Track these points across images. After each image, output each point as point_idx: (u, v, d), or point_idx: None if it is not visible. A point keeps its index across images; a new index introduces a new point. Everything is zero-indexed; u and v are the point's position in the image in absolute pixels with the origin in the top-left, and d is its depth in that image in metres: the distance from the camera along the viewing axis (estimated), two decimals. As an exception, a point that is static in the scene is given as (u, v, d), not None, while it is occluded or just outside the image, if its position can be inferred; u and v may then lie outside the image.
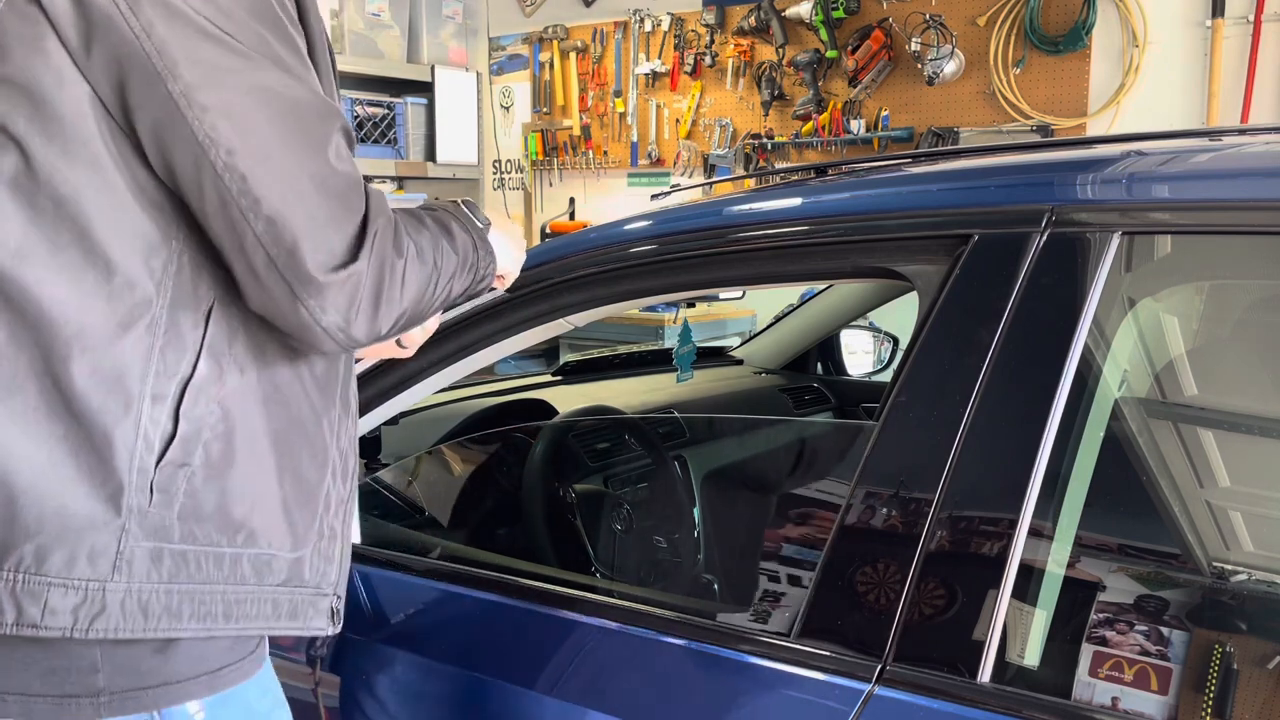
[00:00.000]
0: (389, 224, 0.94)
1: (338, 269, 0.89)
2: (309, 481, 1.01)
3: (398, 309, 0.95)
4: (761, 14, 4.35)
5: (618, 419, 2.03)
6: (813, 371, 2.73)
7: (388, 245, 0.93)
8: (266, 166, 0.87)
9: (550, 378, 2.49)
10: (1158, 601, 1.01)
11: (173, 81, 0.85)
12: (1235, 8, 3.44)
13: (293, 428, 1.00)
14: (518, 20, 5.18)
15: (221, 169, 0.86)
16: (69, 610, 0.88)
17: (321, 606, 1.04)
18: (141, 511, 0.90)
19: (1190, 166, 1.14)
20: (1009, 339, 1.04)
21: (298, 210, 0.88)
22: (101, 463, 0.89)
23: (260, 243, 0.87)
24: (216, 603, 0.95)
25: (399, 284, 0.94)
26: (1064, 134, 3.73)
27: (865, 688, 1.01)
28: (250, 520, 0.96)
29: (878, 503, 1.07)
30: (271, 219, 0.87)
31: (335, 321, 0.91)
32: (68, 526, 0.88)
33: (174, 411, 0.91)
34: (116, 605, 0.90)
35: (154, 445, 0.91)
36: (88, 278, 0.89)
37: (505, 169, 5.34)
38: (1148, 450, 1.11)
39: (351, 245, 0.90)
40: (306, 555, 1.01)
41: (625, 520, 1.80)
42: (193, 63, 0.85)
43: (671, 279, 1.37)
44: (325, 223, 0.89)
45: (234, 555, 0.96)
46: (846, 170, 1.47)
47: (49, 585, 0.88)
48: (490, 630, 1.31)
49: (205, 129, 0.86)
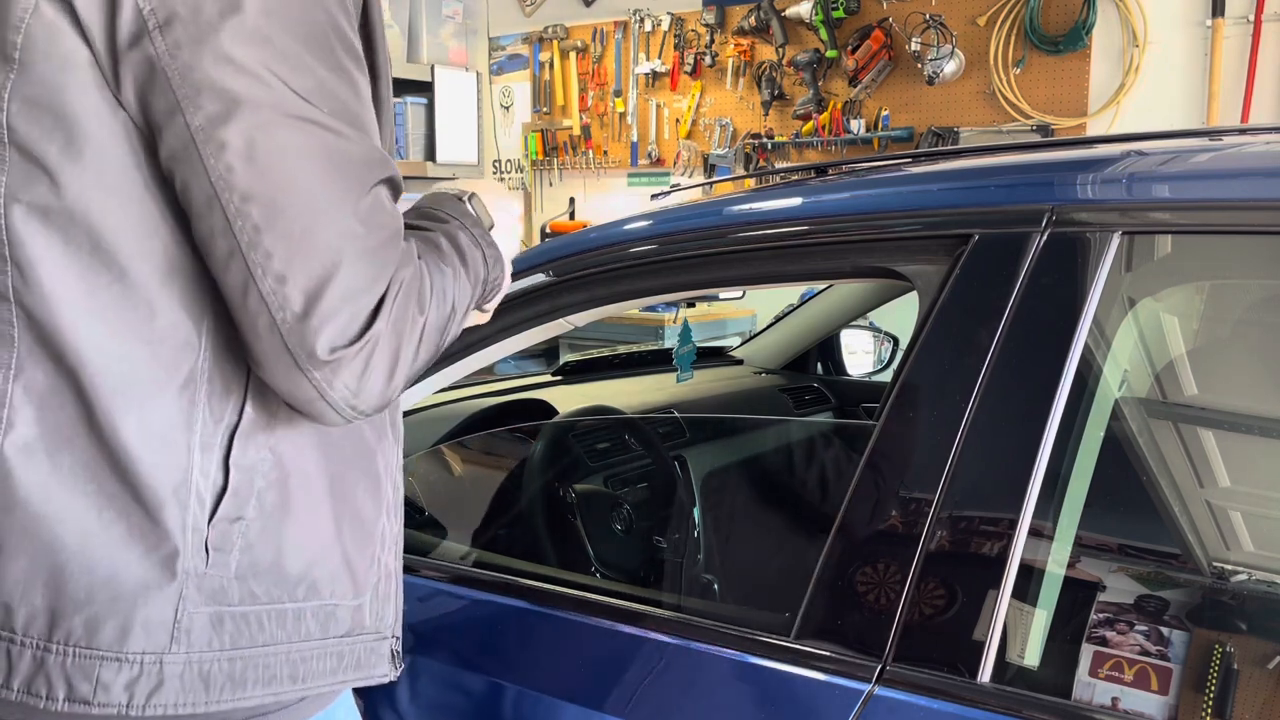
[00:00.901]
0: (414, 278, 0.84)
1: (351, 343, 0.79)
2: (367, 522, 0.95)
3: (410, 369, 0.85)
4: (761, 14, 4.35)
5: (618, 419, 2.03)
6: (813, 371, 2.73)
7: (410, 304, 0.83)
8: (287, 219, 0.77)
9: (550, 378, 2.49)
10: (1158, 601, 1.01)
11: (192, 112, 0.76)
12: (1235, 8, 3.44)
13: (349, 467, 0.93)
14: (518, 20, 5.18)
15: (233, 215, 0.77)
16: (123, 686, 0.81)
17: (382, 651, 0.98)
18: (199, 574, 0.83)
19: (1190, 166, 1.14)
20: (1009, 339, 1.04)
21: (315, 270, 0.78)
22: (154, 524, 0.82)
23: (266, 303, 0.78)
24: (281, 664, 0.88)
25: (416, 343, 0.84)
26: (1064, 134, 3.73)
27: (865, 688, 1.01)
28: (311, 571, 0.89)
29: (877, 503, 1.07)
30: (282, 277, 0.77)
31: (343, 396, 0.81)
32: (120, 595, 0.81)
33: (223, 462, 0.84)
34: (175, 678, 0.83)
35: (205, 501, 0.84)
36: (129, 321, 0.82)
37: (505, 169, 5.34)
38: (1148, 450, 1.11)
39: (370, 313, 0.80)
40: (367, 601, 0.95)
41: (625, 520, 1.80)
42: (215, 93, 0.76)
43: (671, 279, 1.37)
44: (344, 285, 0.79)
45: (296, 610, 0.89)
46: (846, 170, 1.47)
47: (100, 660, 0.81)
48: (489, 630, 1.30)
49: (220, 170, 0.77)
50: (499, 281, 1.02)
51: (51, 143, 0.79)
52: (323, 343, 0.78)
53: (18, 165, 0.80)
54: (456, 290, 0.91)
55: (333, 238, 0.78)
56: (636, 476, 1.93)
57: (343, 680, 0.94)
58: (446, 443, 1.99)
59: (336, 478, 0.92)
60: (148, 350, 0.82)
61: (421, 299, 0.85)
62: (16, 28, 0.78)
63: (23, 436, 0.82)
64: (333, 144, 0.80)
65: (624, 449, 1.96)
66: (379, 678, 0.98)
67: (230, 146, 0.76)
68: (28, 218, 0.80)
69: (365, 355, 0.80)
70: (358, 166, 0.81)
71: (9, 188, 0.81)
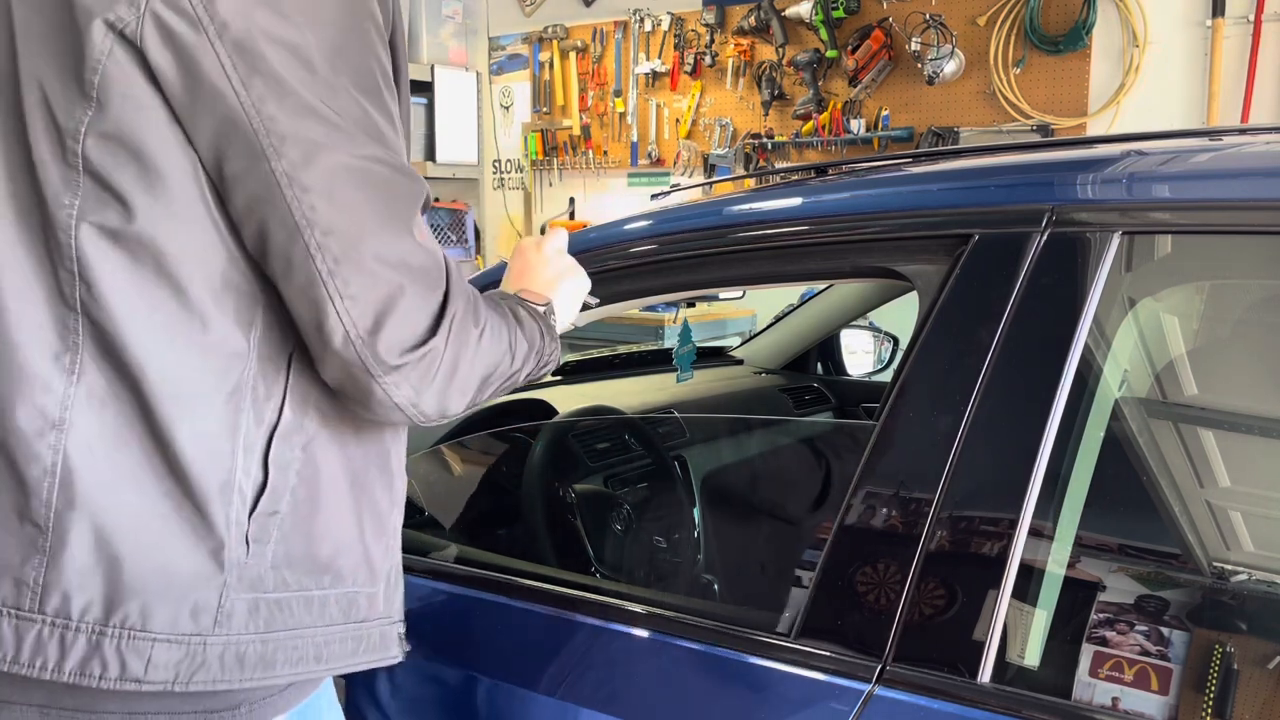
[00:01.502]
0: (468, 302, 0.94)
1: (415, 348, 0.89)
2: (383, 515, 1.03)
3: (470, 383, 0.95)
4: (761, 14, 4.35)
5: (618, 419, 2.03)
6: (813, 371, 2.73)
7: (468, 323, 0.93)
8: (360, 248, 0.86)
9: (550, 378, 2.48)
10: (1158, 601, 1.01)
11: (276, 160, 0.84)
12: (1235, 8, 3.44)
13: (369, 464, 1.00)
14: (518, 20, 5.18)
15: (315, 249, 0.85)
16: (172, 665, 0.89)
17: (392, 635, 1.05)
18: (240, 564, 0.91)
19: (1190, 166, 1.14)
20: (1009, 339, 1.04)
21: (384, 291, 0.87)
22: (203, 518, 0.90)
23: (342, 321, 0.86)
24: (308, 646, 0.96)
25: (471, 361, 0.94)
26: (1064, 134, 3.73)
27: (865, 688, 1.01)
28: (336, 561, 0.97)
29: (878, 503, 1.07)
30: (356, 299, 0.86)
31: (408, 396, 0.90)
32: (172, 584, 0.89)
33: (263, 460, 0.92)
34: (216, 658, 0.91)
35: (247, 497, 0.91)
36: (186, 334, 0.89)
37: (505, 169, 5.34)
38: (1148, 450, 1.11)
39: (431, 324, 0.90)
40: (381, 588, 1.03)
41: (625, 520, 1.80)
42: (297, 141, 0.84)
43: (671, 279, 1.37)
44: (408, 303, 0.88)
45: (322, 597, 0.97)
46: (846, 170, 1.47)
47: (154, 641, 0.89)
48: (489, 630, 1.30)
49: (304, 209, 0.85)
50: (553, 357, 1.10)
51: (125, 174, 0.86)
52: (392, 352, 0.88)
53: (91, 191, 0.87)
54: (512, 336, 1.01)
55: (396, 262, 0.88)
56: (636, 476, 1.93)
57: (362, 661, 1.01)
58: (446, 443, 1.99)
59: (358, 474, 0.99)
60: (201, 360, 0.90)
61: (477, 319, 0.95)
62: (94, 69, 0.84)
63: (84, 437, 0.88)
64: (389, 178, 0.89)
65: (624, 449, 1.96)
66: (391, 658, 1.05)
67: (313, 189, 0.85)
68: (97, 238, 0.87)
69: (427, 363, 0.90)
70: (408, 197, 0.91)
71: (80, 210, 0.87)
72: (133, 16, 0.82)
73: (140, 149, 0.85)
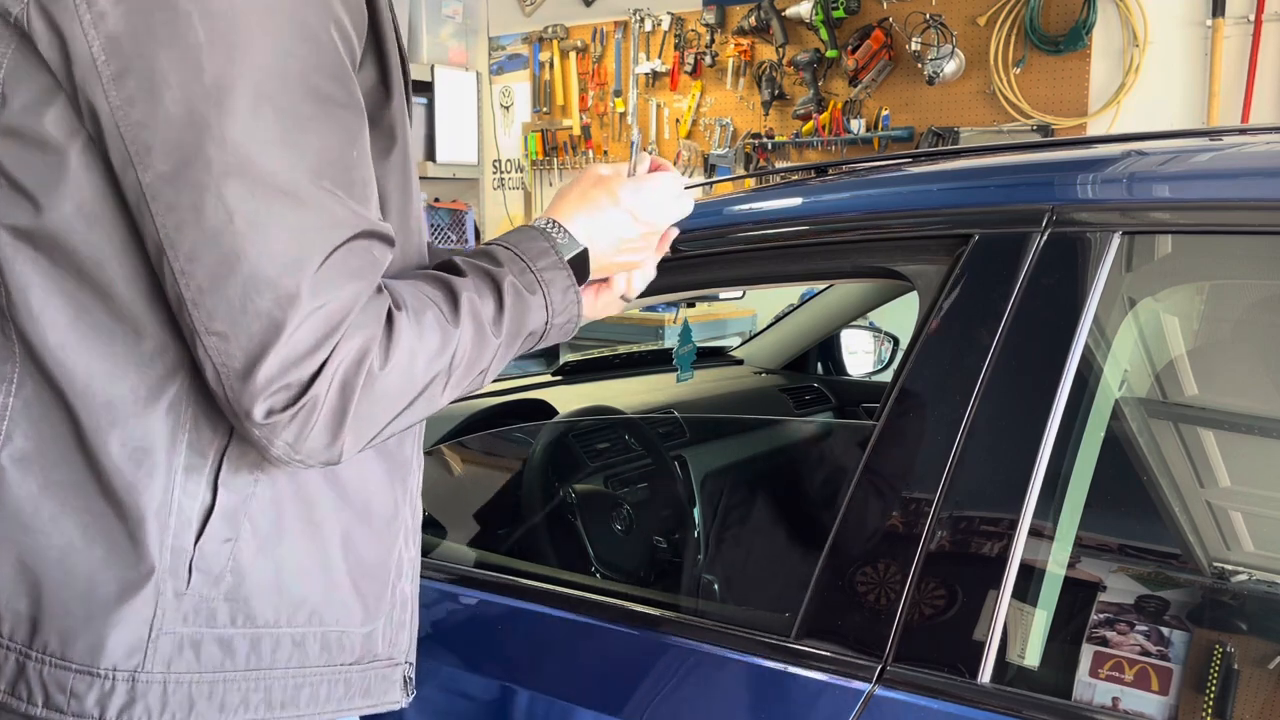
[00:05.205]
0: (376, 340, 0.80)
1: (287, 408, 0.77)
2: (378, 548, 0.94)
3: (369, 426, 0.82)
4: (761, 13, 4.35)
5: (618, 419, 2.03)
6: (813, 371, 2.73)
7: (363, 366, 0.79)
8: (228, 283, 0.75)
9: (550, 378, 2.48)
10: (1158, 601, 1.01)
11: (142, 170, 0.75)
12: (1235, 8, 3.44)
13: (355, 490, 0.92)
14: (518, 20, 5.18)
15: (179, 273, 0.76)
16: (94, 700, 0.82)
17: (394, 678, 0.97)
18: (177, 595, 0.83)
19: (1190, 166, 1.14)
20: (1009, 339, 1.04)
21: (254, 335, 0.76)
22: (134, 543, 0.82)
23: (211, 357, 0.77)
24: (275, 690, 0.88)
25: (373, 400, 0.81)
26: (1064, 134, 3.73)
27: (865, 688, 1.01)
28: (311, 596, 0.89)
29: (878, 503, 1.07)
30: (225, 336, 0.76)
31: (284, 450, 0.80)
32: (94, 612, 0.82)
33: (213, 481, 0.84)
34: (155, 698, 0.83)
35: (191, 521, 0.83)
36: (116, 342, 0.82)
37: (505, 169, 5.34)
38: (1148, 450, 1.11)
39: (310, 376, 0.77)
40: (379, 627, 0.95)
41: (625, 520, 1.80)
42: (166, 152, 0.74)
43: (672, 279, 1.37)
44: (283, 355, 0.76)
45: (297, 635, 0.89)
46: (846, 170, 1.47)
47: (73, 673, 0.82)
48: (489, 630, 1.30)
49: (169, 229, 0.75)
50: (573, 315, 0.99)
51: (30, 170, 0.79)
52: (259, 408, 0.77)
53: (2, 190, 0.81)
54: (461, 342, 0.87)
55: (273, 306, 0.76)
56: (636, 476, 1.93)
57: (351, 707, 0.93)
58: (446, 443, 1.99)
59: (340, 501, 0.91)
60: (135, 371, 0.82)
61: (388, 355, 0.81)
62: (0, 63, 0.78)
63: (20, 449, 0.83)
64: (286, 209, 0.76)
65: (624, 449, 1.96)
66: (390, 705, 0.97)
67: (180, 207, 0.75)
68: (12, 240, 0.81)
69: (303, 417, 0.78)
70: (315, 232, 0.78)
71: None
72: (19, 6, 0.76)
73: (44, 142, 0.78)
